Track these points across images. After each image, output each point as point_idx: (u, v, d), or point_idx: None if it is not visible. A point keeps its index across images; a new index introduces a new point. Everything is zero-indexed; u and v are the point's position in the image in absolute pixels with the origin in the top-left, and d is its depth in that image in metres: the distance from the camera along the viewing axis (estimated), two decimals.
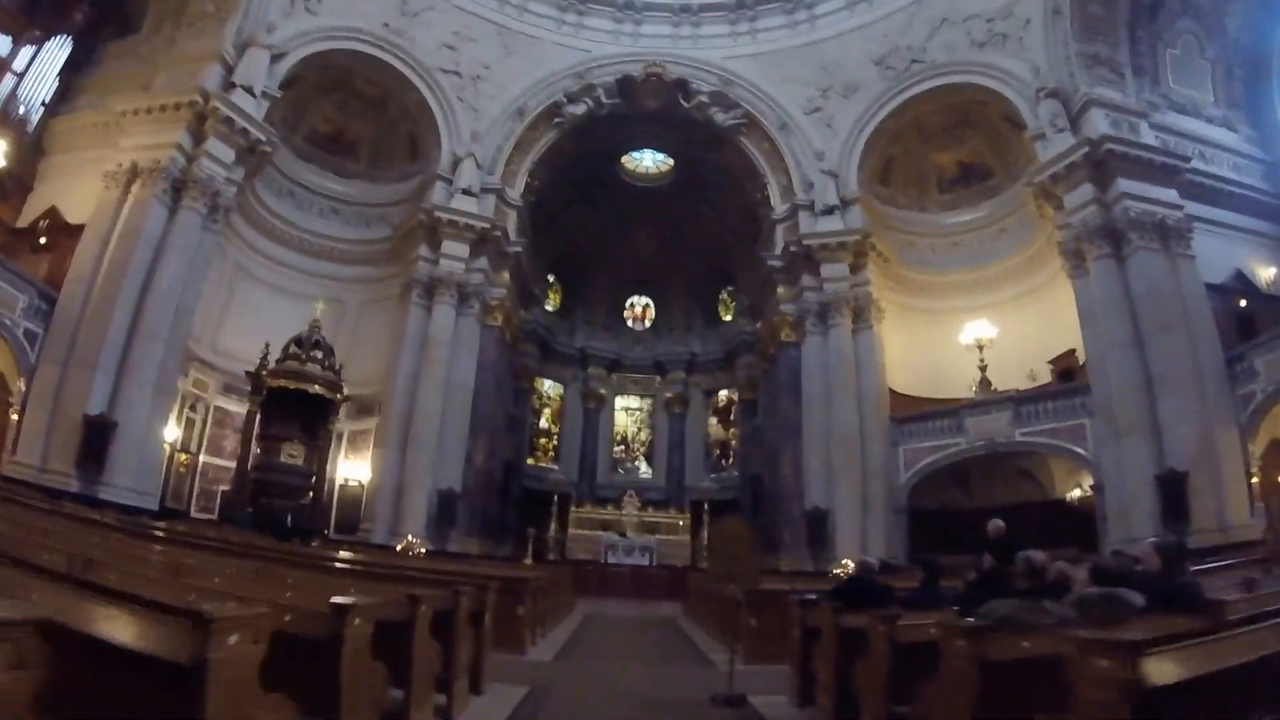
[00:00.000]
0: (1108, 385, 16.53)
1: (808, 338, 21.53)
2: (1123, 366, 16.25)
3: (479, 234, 21.65)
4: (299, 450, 17.66)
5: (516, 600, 8.24)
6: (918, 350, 22.02)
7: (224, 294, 20.66)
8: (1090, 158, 17.36)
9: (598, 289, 31.11)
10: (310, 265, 22.25)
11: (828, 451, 20.05)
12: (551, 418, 29.96)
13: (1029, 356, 19.97)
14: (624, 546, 23.70)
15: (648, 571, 22.82)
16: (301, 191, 22.66)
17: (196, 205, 17.52)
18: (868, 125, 22.46)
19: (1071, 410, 17.93)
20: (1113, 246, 17.01)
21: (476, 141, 22.67)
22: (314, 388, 17.49)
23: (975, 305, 21.24)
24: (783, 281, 22.74)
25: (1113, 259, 16.99)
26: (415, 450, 19.59)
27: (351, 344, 21.76)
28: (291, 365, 17.52)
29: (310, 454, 18.09)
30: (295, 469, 17.52)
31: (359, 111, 23.49)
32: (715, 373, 30.06)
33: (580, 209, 28.81)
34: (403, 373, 20.38)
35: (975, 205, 22.64)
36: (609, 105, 23.90)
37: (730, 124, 23.81)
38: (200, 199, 17.59)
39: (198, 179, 17.50)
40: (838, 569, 17.95)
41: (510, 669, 7.31)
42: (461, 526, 20.02)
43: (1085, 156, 17.39)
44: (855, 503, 19.27)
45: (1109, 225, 17.07)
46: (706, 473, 29.36)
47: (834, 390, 20.47)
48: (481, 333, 21.88)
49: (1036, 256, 20.79)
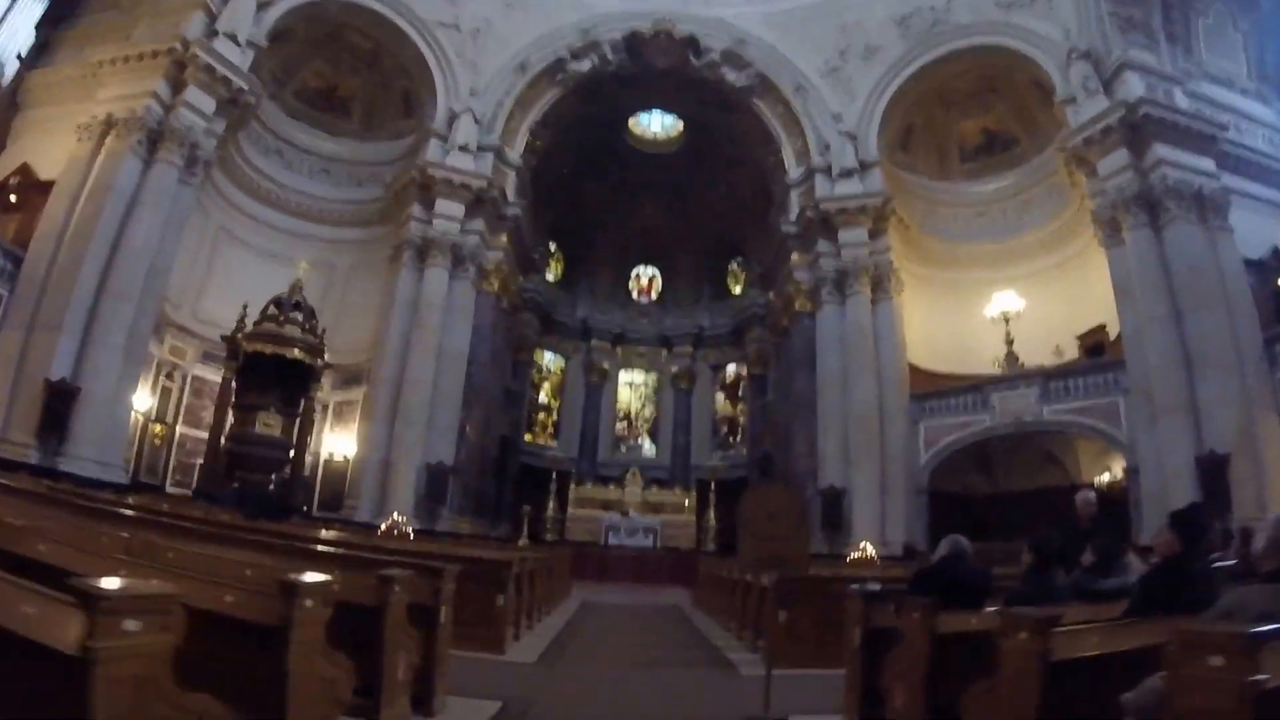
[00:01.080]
0: (1145, 362, 15.55)
1: (823, 308, 20.33)
2: (1161, 343, 15.26)
3: (475, 193, 20.41)
4: (275, 420, 16.51)
5: (495, 589, 7.00)
6: (939, 324, 20.88)
7: (205, 257, 19.60)
8: (1126, 121, 16.37)
9: (602, 259, 29.82)
10: (298, 227, 21.14)
11: (844, 428, 18.92)
12: (551, 392, 28.76)
13: (1055, 332, 18.94)
14: (626, 528, 22.64)
15: (651, 554, 21.75)
16: (290, 150, 21.54)
17: (173, 157, 16.35)
18: (889, 87, 21.20)
19: (1104, 388, 16.87)
20: (1149, 216, 16.05)
21: (475, 98, 21.40)
22: (293, 352, 16.31)
23: (1000, 278, 20.22)
24: (797, 248, 21.52)
25: (1149, 229, 16.02)
26: (404, 422, 18.47)
27: (340, 310, 20.79)
28: (269, 328, 16.35)
29: (288, 424, 16.93)
30: (271, 440, 16.36)
31: (352, 67, 22.24)
32: (724, 347, 28.82)
33: (585, 175, 27.49)
34: (392, 339, 19.25)
35: (1000, 175, 21.56)
36: (615, 63, 22.59)
37: (743, 85, 22.49)
38: (177, 151, 16.42)
39: (175, 130, 16.34)
40: (855, 552, 16.91)
41: (482, 675, 6.04)
42: (453, 505, 18.95)
43: (1121, 120, 16.38)
44: (873, 483, 18.17)
45: (1145, 193, 16.11)
46: (713, 451, 28.20)
47: (851, 364, 19.29)
48: (477, 298, 20.70)
49: (1065, 228, 19.79)
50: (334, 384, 20.38)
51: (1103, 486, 17.79)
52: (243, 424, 16.38)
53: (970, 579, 4.73)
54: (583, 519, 23.17)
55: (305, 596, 3.14)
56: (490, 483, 21.78)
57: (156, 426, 17.93)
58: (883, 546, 17.28)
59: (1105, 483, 17.71)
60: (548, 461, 25.19)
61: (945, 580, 4.60)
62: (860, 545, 17.07)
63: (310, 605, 3.16)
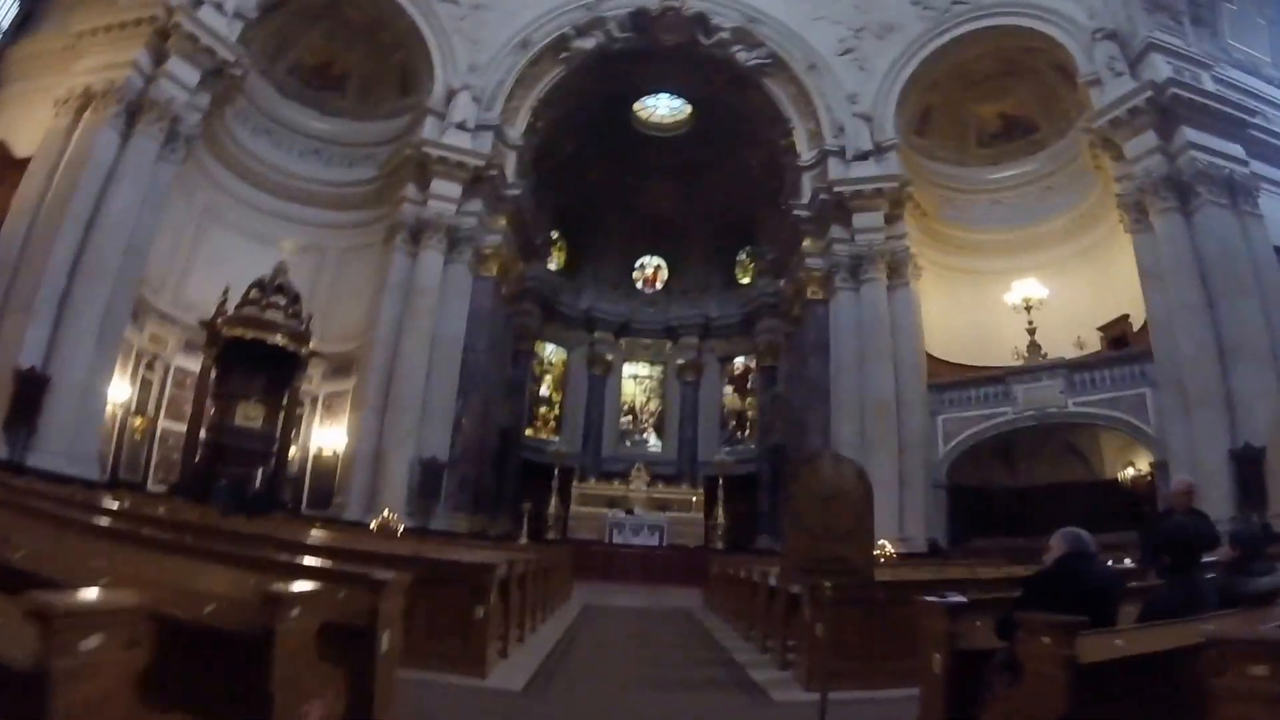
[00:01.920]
0: (1175, 352, 14.89)
1: (837, 294, 19.40)
2: (1193, 331, 14.59)
3: (473, 173, 19.50)
4: (257, 411, 15.61)
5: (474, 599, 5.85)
6: (957, 313, 20.00)
7: (189, 240, 18.63)
8: (1154, 103, 15.74)
9: (607, 247, 28.86)
10: (287, 210, 20.16)
11: (861, 420, 18.03)
12: (554, 385, 27.84)
13: (1077, 323, 18.12)
14: (631, 525, 21.70)
15: (658, 553, 20.76)
16: (281, 130, 20.58)
17: (152, 130, 15.43)
18: (906, 67, 20.40)
19: (1131, 379, 16.17)
20: (1178, 199, 15.44)
21: (474, 74, 20.53)
22: (276, 338, 15.42)
23: (1019, 266, 19.46)
24: (810, 233, 20.58)
25: (1178, 213, 15.42)
26: (395, 412, 17.56)
27: (331, 296, 19.97)
28: (250, 312, 15.46)
29: (271, 415, 16.00)
30: (252, 432, 15.47)
31: (347, 42, 21.25)
32: (732, 338, 27.84)
33: (589, 159, 26.56)
34: (384, 324, 18.33)
35: (1019, 160, 20.77)
36: (621, 40, 21.67)
37: (754, 63, 21.58)
38: (157, 123, 15.49)
39: (155, 101, 15.43)
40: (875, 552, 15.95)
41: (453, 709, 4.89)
42: (448, 501, 18.03)
43: (1149, 101, 15.75)
44: (891, 477, 17.24)
45: (1174, 176, 15.52)
46: (721, 446, 27.26)
47: (867, 352, 18.39)
48: (474, 283, 19.77)
49: (1087, 215, 19.04)
50: (324, 374, 19.57)
51: (1126, 481, 17.14)
52: (222, 415, 15.50)
53: (1100, 583, 3.71)
54: (586, 516, 22.25)
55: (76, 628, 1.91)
56: (489, 478, 20.85)
57: (137, 420, 16.94)
58: (901, 543, 16.37)
59: (1129, 478, 17.07)
60: (550, 456, 24.26)
61: (1069, 587, 3.55)
62: (880, 544, 16.13)
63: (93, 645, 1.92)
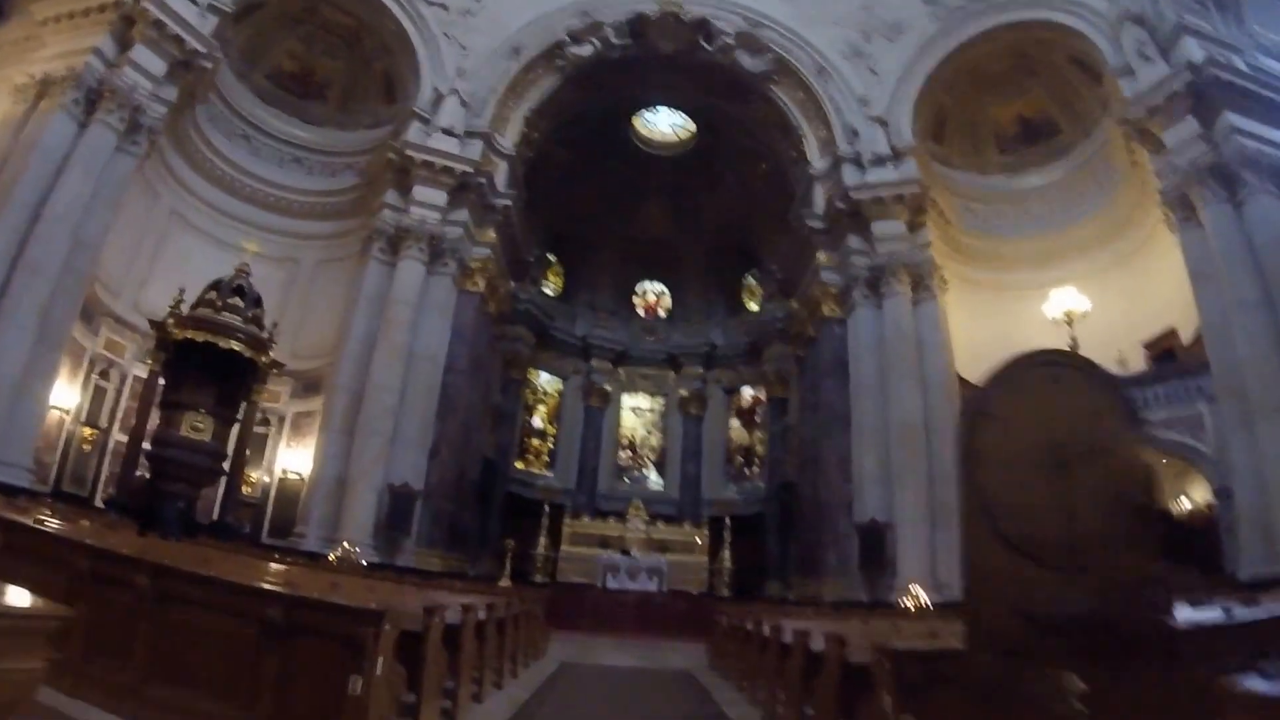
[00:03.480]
0: (1233, 357, 13.23)
1: (856, 310, 17.69)
2: (1253, 332, 12.96)
3: (459, 179, 18.07)
4: (206, 423, 13.76)
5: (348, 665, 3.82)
6: (983, 331, 18.19)
7: (153, 243, 17.33)
8: (1193, 86, 14.39)
9: (604, 270, 27.28)
10: (261, 218, 18.87)
11: (885, 448, 16.15)
12: (547, 416, 25.90)
13: (1116, 339, 16.32)
14: (627, 568, 19.56)
15: (656, 600, 18.49)
16: (258, 136, 19.39)
17: (111, 119, 14.23)
18: (919, 68, 19.20)
19: (1186, 396, 14.43)
20: (1226, 189, 14.02)
21: (463, 79, 19.34)
22: (231, 344, 13.70)
23: (1048, 279, 17.82)
24: (824, 246, 19.00)
25: (1228, 204, 14.01)
26: (364, 434, 15.76)
27: (303, 310, 18.65)
28: (204, 314, 13.80)
29: (223, 430, 14.20)
30: (198, 445, 13.60)
31: (329, 47, 20.25)
32: (738, 367, 25.99)
33: (586, 177, 25.24)
34: (354, 338, 16.73)
35: (1042, 167, 19.38)
36: (619, 47, 20.48)
37: (759, 70, 20.36)
38: (117, 112, 14.29)
39: (115, 89, 14.27)
40: (904, 599, 13.90)
41: None
42: (420, 534, 16.10)
43: (1188, 85, 14.40)
44: (921, 513, 15.30)
45: (1220, 165, 14.10)
46: (727, 483, 25.17)
47: (891, 372, 16.58)
48: (458, 298, 18.18)
49: (1121, 220, 17.63)
50: (292, 392, 18.15)
51: (1182, 516, 15.07)
52: (167, 425, 13.69)
53: None
54: (577, 557, 20.14)
55: None
56: (470, 512, 18.90)
57: (86, 430, 15.31)
58: (935, 591, 14.24)
59: (1186, 512, 15.02)
60: (539, 491, 22.20)
61: None
62: (910, 589, 14.08)
63: None
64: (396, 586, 9.10)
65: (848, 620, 10.41)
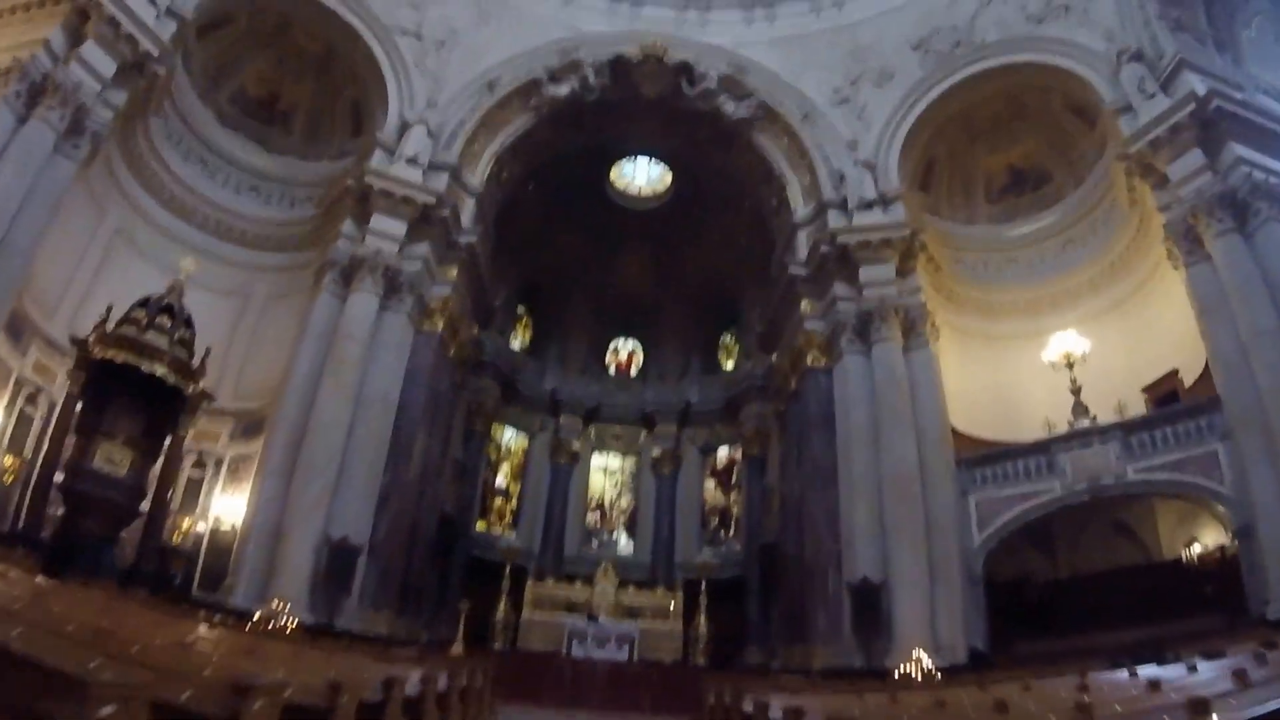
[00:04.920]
0: (1250, 390, 12.64)
1: (844, 359, 16.72)
2: (1272, 362, 12.40)
3: (420, 210, 17.01)
4: (123, 456, 12.18)
5: None
6: (975, 382, 17.55)
7: (95, 262, 15.88)
8: (1197, 117, 14.16)
9: (577, 324, 26.17)
10: (213, 246, 17.60)
11: (878, 502, 14.91)
12: (511, 473, 24.29)
13: (1114, 385, 15.63)
14: (595, 635, 17.80)
15: (627, 670, 16.60)
16: (216, 160, 18.32)
17: (52, 116, 13.04)
18: (910, 113, 18.78)
19: (1198, 435, 13.56)
20: (1235, 220, 13.65)
21: (433, 110, 18.54)
22: (156, 368, 12.26)
23: (1041, 328, 17.31)
24: (808, 294, 18.19)
25: (1237, 234, 13.63)
26: (303, 479, 14.12)
27: (251, 346, 17.34)
28: (127, 332, 12.36)
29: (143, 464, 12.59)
30: (113, 480, 11.99)
31: (296, 73, 19.50)
32: (714, 426, 24.74)
33: (559, 227, 24.50)
34: (300, 374, 15.29)
35: (1032, 215, 18.96)
36: (598, 89, 19.96)
37: (742, 115, 19.91)
38: (59, 108, 13.12)
39: (59, 84, 13.14)
40: (903, 663, 12.49)
41: None
42: (364, 594, 14.29)
43: (1192, 115, 14.17)
44: (919, 570, 14.00)
45: (1228, 195, 13.71)
46: (702, 547, 23.52)
47: (883, 421, 15.50)
48: (415, 338, 16.87)
49: (1117, 264, 17.19)
50: (233, 433, 16.59)
51: (1192, 560, 14.20)
52: (80, 455, 12.07)
53: None
54: (540, 623, 18.33)
55: None
56: (423, 572, 17.12)
57: (8, 459, 13.50)
58: (936, 653, 12.85)
59: (1196, 555, 14.17)
60: (500, 553, 20.36)
61: None
62: (910, 653, 12.65)
63: None
64: (293, 651, 7.47)
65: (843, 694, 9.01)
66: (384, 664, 7.96)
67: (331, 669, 5.77)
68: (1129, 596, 14.13)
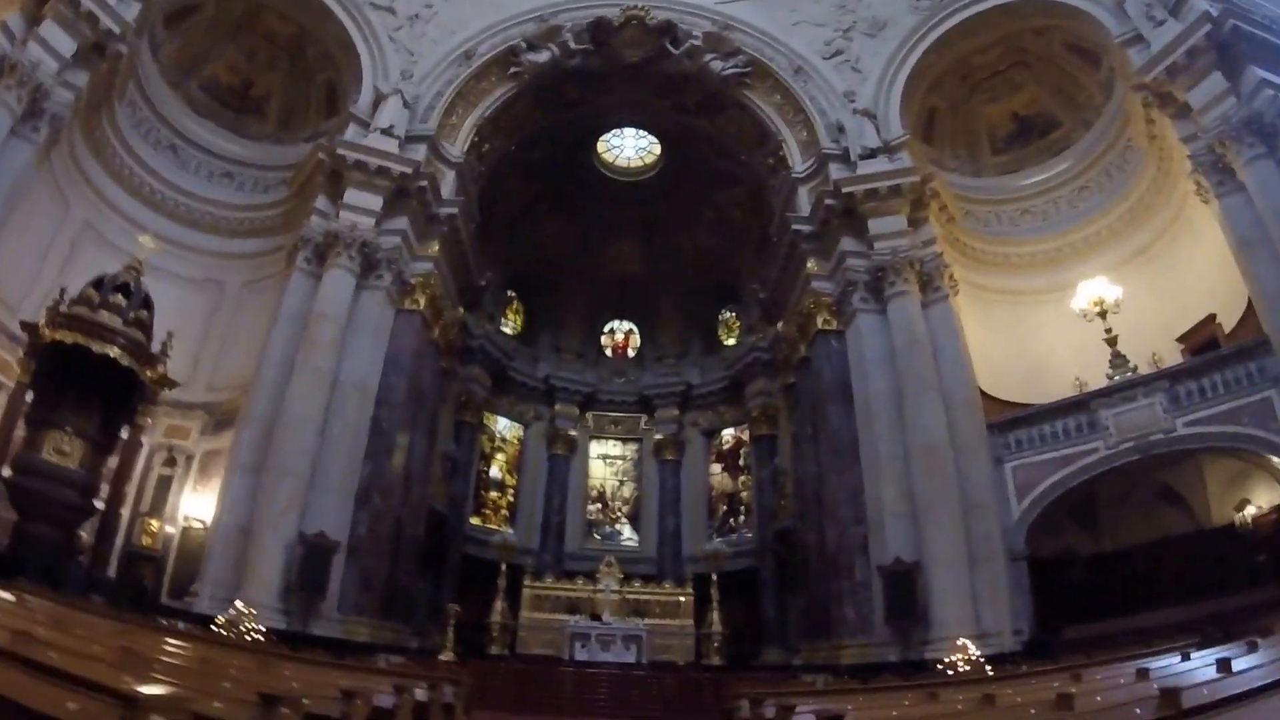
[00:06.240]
0: None
1: (857, 318, 15.52)
2: None
3: (397, 182, 15.89)
4: (75, 448, 11.07)
5: None
6: (997, 343, 16.45)
7: (61, 255, 15.03)
8: (1213, 39, 13.26)
9: (569, 309, 24.88)
10: (185, 236, 16.87)
11: (906, 477, 13.71)
12: (506, 466, 22.98)
13: (1147, 339, 14.51)
14: (599, 636, 16.50)
15: (635, 674, 15.05)
16: (188, 148, 17.54)
17: (10, 97, 12.36)
18: (907, 60, 17.76)
19: (1248, 382, 12.30)
20: (1266, 144, 12.54)
21: (408, 81, 17.58)
22: (110, 350, 11.21)
23: (1061, 281, 16.33)
24: (813, 253, 17.00)
25: (1270, 160, 12.53)
26: (274, 474, 12.93)
27: (226, 337, 16.45)
28: (79, 312, 11.24)
29: (96, 457, 11.40)
30: (64, 475, 10.85)
31: (269, 60, 18.76)
32: (718, 407, 23.45)
33: (548, 209, 23.42)
34: (272, 361, 14.16)
35: (1042, 164, 17.95)
36: (579, 54, 18.83)
37: (731, 73, 18.75)
38: (17, 89, 12.46)
39: (16, 65, 12.39)
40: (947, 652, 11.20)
41: None
42: (345, 599, 13.12)
43: (1208, 38, 13.25)
44: (957, 549, 12.80)
45: (1255, 119, 12.55)
46: (711, 535, 22.28)
47: (907, 386, 14.29)
48: (396, 319, 15.69)
49: (1138, 209, 16.13)
50: (205, 428, 15.64)
51: (1246, 523, 12.84)
52: (29, 446, 10.87)
53: None
54: (540, 625, 17.08)
55: None
56: (411, 572, 15.83)
57: None
58: (979, 641, 11.53)
59: (1249, 518, 12.83)
60: (496, 551, 19.04)
61: None
62: (951, 643, 11.36)
63: None
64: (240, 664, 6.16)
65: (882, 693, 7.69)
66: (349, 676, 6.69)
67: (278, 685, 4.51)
68: (1180, 569, 12.90)
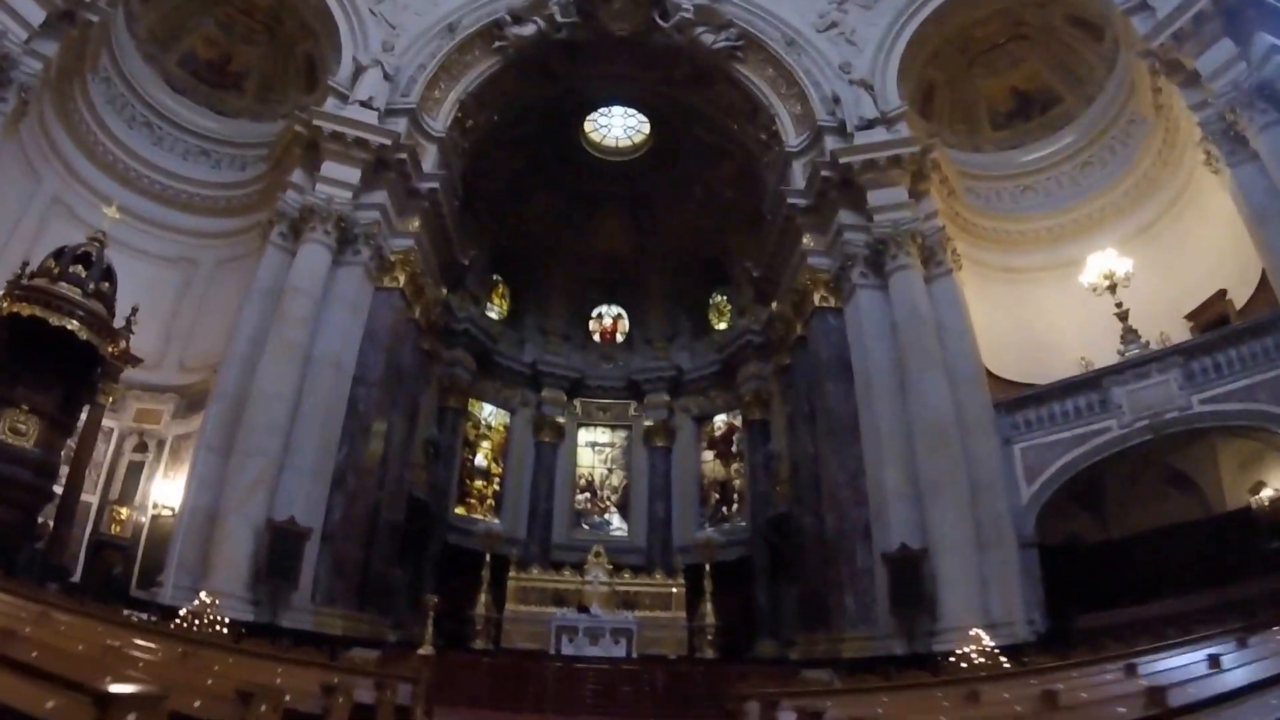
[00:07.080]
0: None
1: (856, 294, 14.93)
2: None
3: (375, 154, 15.21)
4: (31, 426, 10.46)
5: None
6: (1000, 322, 15.92)
7: (30, 231, 14.48)
8: (1220, 4, 12.78)
9: (556, 291, 24.24)
10: (159, 214, 16.50)
11: (910, 458, 13.09)
12: (491, 453, 22.28)
13: (1154, 317, 14.03)
14: (587, 629, 15.85)
15: (624, 669, 14.14)
16: (163, 125, 17.05)
17: None
18: (904, 31, 17.20)
19: (1264, 356, 11.76)
20: (1279, 112, 11.99)
21: (389, 53, 16.93)
22: (69, 323, 10.62)
23: (1063, 258, 16.05)
24: (809, 227, 16.39)
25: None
26: (242, 455, 12.19)
27: (199, 315, 16.01)
28: (38, 284, 10.72)
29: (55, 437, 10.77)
30: (20, 454, 10.19)
31: (247, 32, 18.15)
32: (709, 392, 22.84)
33: (533, 187, 22.74)
34: (243, 336, 13.47)
35: (1044, 139, 17.56)
36: (565, 27, 18.17)
37: (722, 46, 18.12)
38: None
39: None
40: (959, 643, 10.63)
41: None
42: (318, 589, 12.42)
43: (1214, 3, 12.75)
44: (965, 534, 12.19)
45: (1266, 85, 12.07)
46: (703, 524, 21.65)
47: (910, 362, 13.67)
48: (375, 296, 15.02)
49: (1143, 183, 15.73)
50: (176, 411, 15.17)
51: (1262, 507, 12.30)
52: None
53: None
54: (526, 617, 16.43)
55: None
56: (390, 561, 15.11)
57: None
58: (990, 631, 10.95)
59: (1266, 501, 12.29)
60: (479, 540, 18.31)
61: None
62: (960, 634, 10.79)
63: None
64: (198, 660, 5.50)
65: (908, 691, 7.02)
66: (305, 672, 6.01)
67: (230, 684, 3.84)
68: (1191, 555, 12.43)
